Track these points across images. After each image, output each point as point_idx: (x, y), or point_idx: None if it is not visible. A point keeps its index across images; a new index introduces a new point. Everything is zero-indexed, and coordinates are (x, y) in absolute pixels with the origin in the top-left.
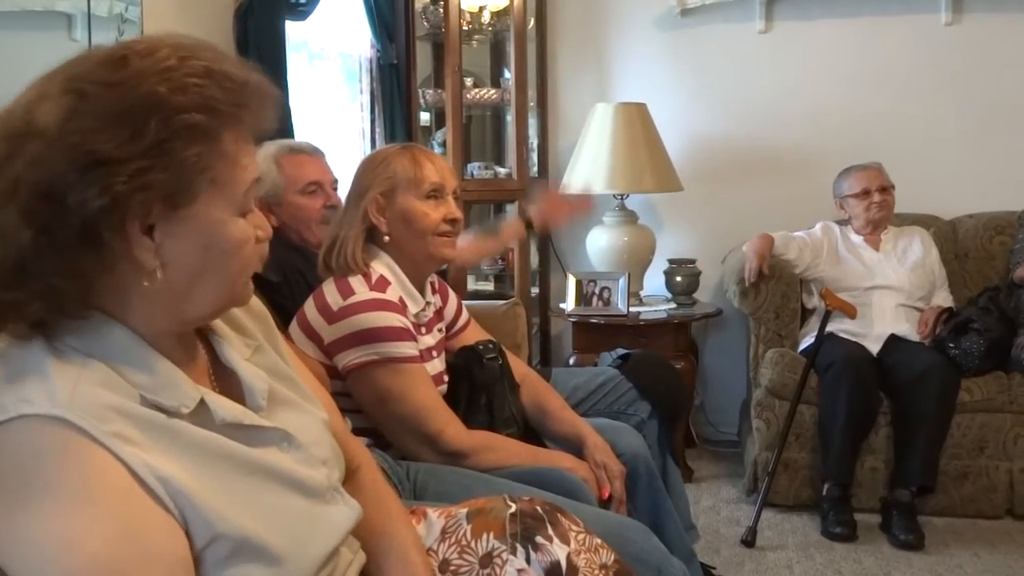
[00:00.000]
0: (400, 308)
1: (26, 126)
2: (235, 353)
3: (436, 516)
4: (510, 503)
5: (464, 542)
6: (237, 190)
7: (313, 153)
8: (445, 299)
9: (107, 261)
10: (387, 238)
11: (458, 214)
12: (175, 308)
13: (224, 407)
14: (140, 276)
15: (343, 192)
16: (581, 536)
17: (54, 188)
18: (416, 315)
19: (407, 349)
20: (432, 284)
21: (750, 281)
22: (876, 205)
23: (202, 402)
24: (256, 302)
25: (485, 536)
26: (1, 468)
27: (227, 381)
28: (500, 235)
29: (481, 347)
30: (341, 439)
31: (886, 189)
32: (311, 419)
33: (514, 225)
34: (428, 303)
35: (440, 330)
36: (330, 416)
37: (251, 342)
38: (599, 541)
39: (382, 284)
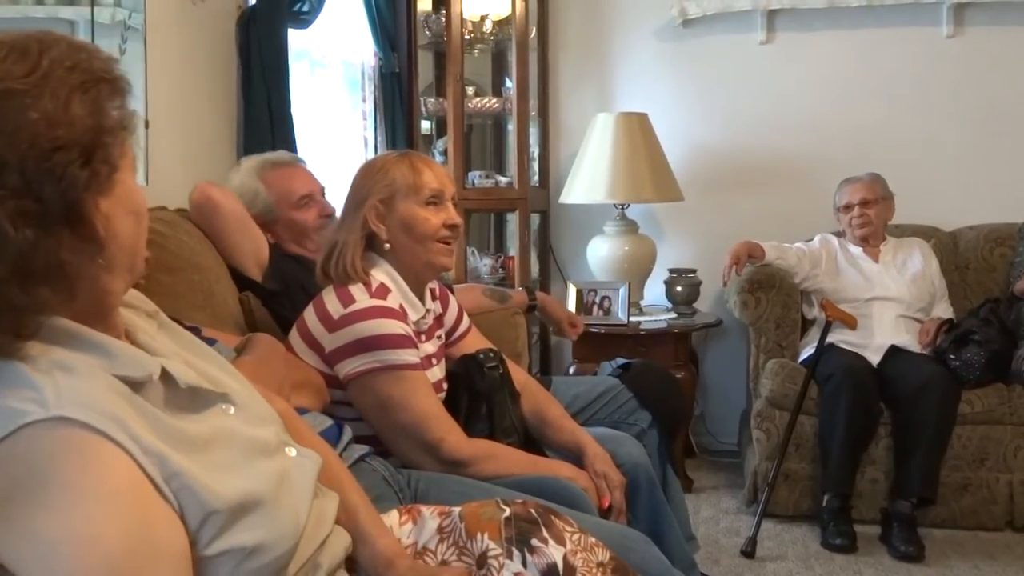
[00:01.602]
0: (401, 315)
1: None
2: (145, 336)
3: (430, 513)
4: (503, 507)
5: (461, 543)
6: (130, 152)
7: (295, 164)
8: (445, 306)
9: (95, 239)
10: (387, 245)
11: (458, 220)
12: (124, 277)
13: (183, 372)
14: (96, 254)
15: (332, 197)
16: (576, 536)
17: (30, 183)
18: (416, 322)
19: (408, 357)
20: (432, 291)
21: (724, 282)
22: (856, 220)
23: (164, 371)
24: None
25: (479, 536)
26: (16, 475)
27: None
28: (506, 304)
29: (482, 356)
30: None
31: (868, 203)
32: (235, 380)
33: (521, 298)
34: (428, 310)
35: (439, 337)
36: None
37: (150, 311)
38: (594, 540)
39: (382, 291)
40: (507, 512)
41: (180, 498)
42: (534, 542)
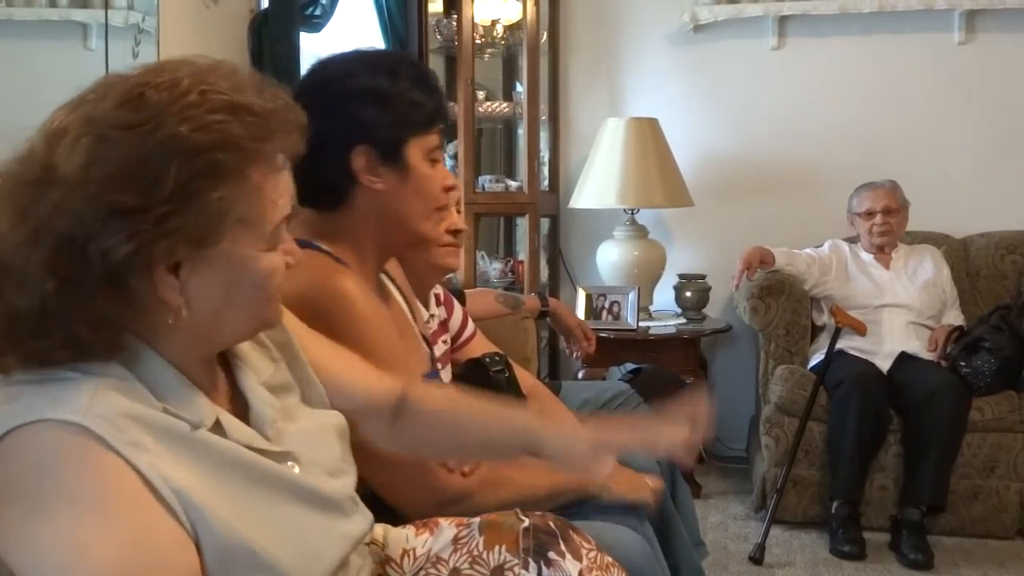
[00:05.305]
0: None
1: (47, 172)
2: (251, 379)
3: (447, 524)
4: (522, 517)
5: (476, 553)
6: (266, 226)
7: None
8: (450, 311)
9: (135, 304)
10: None
11: (462, 225)
12: (203, 338)
13: (238, 429)
14: (165, 314)
15: None
16: (592, 554)
17: (76, 237)
18: None
19: None
20: (436, 296)
21: (735, 286)
22: (877, 227)
23: (217, 422)
24: None
25: (497, 548)
26: (19, 470)
27: (242, 406)
28: (518, 310)
29: (487, 359)
30: (372, 380)
31: (891, 211)
32: (322, 430)
33: (533, 303)
34: (432, 315)
35: (445, 342)
36: (350, 373)
37: (274, 354)
38: (610, 560)
39: None
40: (526, 523)
41: (197, 527)
42: (551, 555)
